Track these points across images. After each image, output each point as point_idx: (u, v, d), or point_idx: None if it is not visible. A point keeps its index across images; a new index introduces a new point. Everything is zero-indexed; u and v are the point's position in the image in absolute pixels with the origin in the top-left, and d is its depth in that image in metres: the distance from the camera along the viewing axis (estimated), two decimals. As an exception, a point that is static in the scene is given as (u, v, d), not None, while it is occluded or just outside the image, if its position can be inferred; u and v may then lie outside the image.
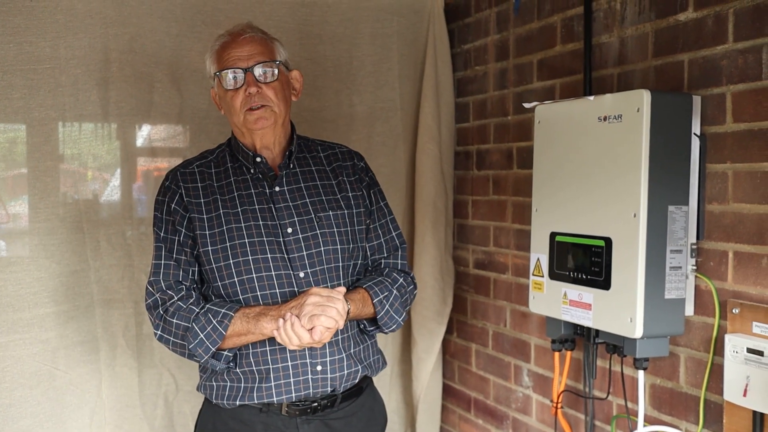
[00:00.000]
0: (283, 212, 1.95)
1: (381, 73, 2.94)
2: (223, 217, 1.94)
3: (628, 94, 1.90)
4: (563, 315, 2.12)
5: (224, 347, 1.89)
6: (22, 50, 2.37)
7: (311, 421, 1.96)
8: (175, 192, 1.97)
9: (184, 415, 2.71)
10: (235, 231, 1.93)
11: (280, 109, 1.95)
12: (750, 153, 1.81)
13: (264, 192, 1.97)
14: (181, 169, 2.02)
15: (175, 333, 1.88)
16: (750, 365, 1.75)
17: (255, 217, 1.94)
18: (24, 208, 2.44)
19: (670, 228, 1.89)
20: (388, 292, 1.98)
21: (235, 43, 1.94)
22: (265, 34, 2.00)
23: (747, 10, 1.81)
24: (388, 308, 1.97)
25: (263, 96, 1.91)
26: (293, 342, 1.79)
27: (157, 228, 1.98)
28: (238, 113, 1.93)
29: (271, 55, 1.95)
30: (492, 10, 2.80)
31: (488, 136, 2.85)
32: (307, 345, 1.81)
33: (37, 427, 2.44)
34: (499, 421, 2.83)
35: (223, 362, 1.90)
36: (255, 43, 1.94)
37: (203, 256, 1.93)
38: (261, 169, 1.99)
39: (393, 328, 2.01)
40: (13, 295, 2.39)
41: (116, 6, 2.50)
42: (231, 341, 1.87)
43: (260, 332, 1.84)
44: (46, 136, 2.45)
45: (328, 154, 2.09)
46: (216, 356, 1.90)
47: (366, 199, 2.07)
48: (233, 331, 1.85)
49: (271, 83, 1.93)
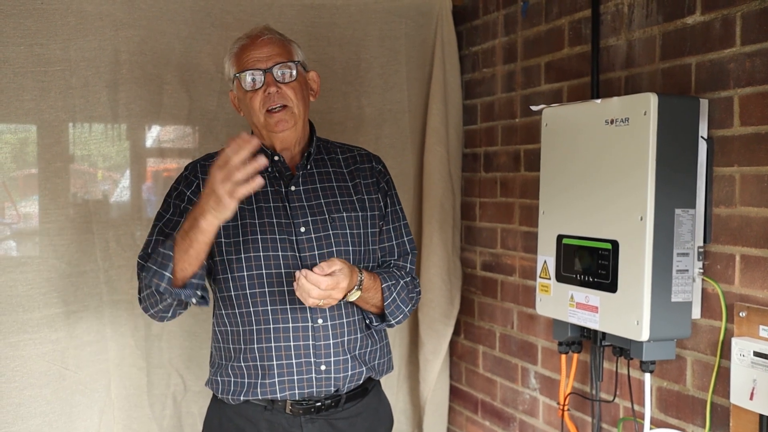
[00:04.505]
0: (297, 211, 1.97)
1: (389, 75, 2.94)
2: (239, 212, 1.95)
3: (636, 98, 1.90)
4: (570, 317, 2.13)
5: (183, 270, 1.80)
6: (33, 52, 2.39)
7: (315, 421, 1.97)
8: (192, 182, 2.00)
9: (192, 415, 2.72)
10: (249, 226, 1.95)
11: (300, 109, 1.96)
12: (757, 156, 1.81)
13: (280, 191, 1.99)
14: (202, 161, 2.05)
15: (146, 286, 1.86)
16: (757, 368, 1.74)
17: (269, 215, 1.96)
18: (34, 208, 2.46)
19: (677, 231, 1.89)
20: (395, 281, 2.00)
21: (253, 45, 1.96)
22: (282, 36, 2.02)
23: (755, 14, 1.81)
24: (395, 296, 1.98)
25: (283, 96, 1.93)
26: (312, 294, 1.77)
27: (161, 209, 2.01)
28: (257, 114, 1.95)
29: (290, 56, 1.97)
30: (500, 13, 2.80)
31: (496, 138, 2.85)
32: (324, 297, 1.78)
33: (47, 426, 2.46)
34: (506, 423, 2.83)
35: (189, 290, 1.81)
36: (273, 44, 1.96)
37: (215, 247, 1.94)
38: (278, 168, 2.00)
39: (399, 319, 2.01)
40: (24, 295, 2.41)
41: (126, 8, 2.52)
42: (184, 261, 1.79)
43: (197, 226, 1.73)
44: (57, 137, 2.47)
45: (347, 157, 2.11)
46: (186, 286, 1.81)
47: (381, 202, 2.08)
48: (180, 248, 1.78)
49: (290, 83, 1.94)
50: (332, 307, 1.94)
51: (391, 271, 2.05)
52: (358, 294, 1.89)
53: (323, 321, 1.94)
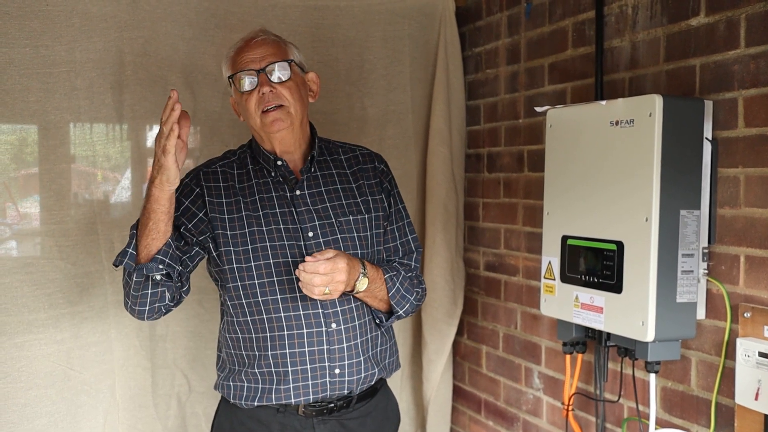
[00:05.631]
0: (304, 216, 1.97)
1: (392, 76, 2.95)
2: (246, 220, 1.95)
3: (640, 99, 1.91)
4: (575, 318, 2.13)
5: (147, 246, 1.81)
6: (38, 53, 2.39)
7: (327, 421, 1.98)
8: (192, 190, 1.98)
9: (197, 416, 2.72)
10: (257, 234, 1.94)
11: (296, 109, 1.94)
12: (762, 157, 1.81)
13: (285, 195, 1.99)
14: (204, 168, 2.04)
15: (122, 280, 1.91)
16: (762, 369, 1.75)
17: (276, 221, 1.96)
18: (36, 208, 2.46)
19: (681, 232, 1.89)
20: (396, 272, 2.00)
21: (248, 47, 1.96)
22: (278, 37, 2.01)
23: (759, 15, 1.82)
24: (398, 286, 1.98)
25: (278, 95, 1.92)
26: (315, 282, 1.76)
27: None
28: (253, 115, 1.94)
29: (284, 56, 1.96)
30: (503, 14, 2.81)
31: (499, 139, 2.86)
32: (328, 283, 1.78)
33: (52, 426, 2.46)
34: (510, 423, 2.83)
35: (152, 263, 1.80)
36: (267, 45, 1.96)
37: (224, 255, 1.94)
38: (282, 172, 2.00)
39: (406, 308, 2.01)
40: (29, 295, 2.41)
41: (130, 10, 2.52)
42: (146, 237, 1.80)
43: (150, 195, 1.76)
44: (62, 139, 2.47)
45: (349, 157, 2.10)
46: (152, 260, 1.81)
47: (385, 202, 2.08)
48: (141, 224, 1.79)
49: (285, 83, 1.93)
50: (344, 311, 1.95)
51: (392, 264, 2.05)
52: (365, 281, 1.88)
53: (336, 325, 1.94)
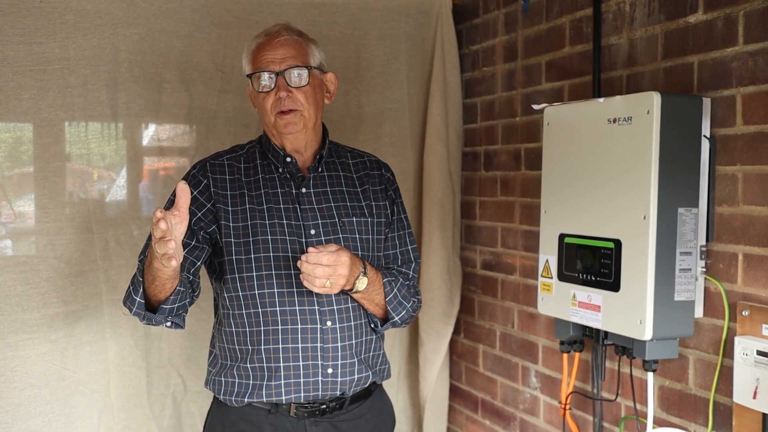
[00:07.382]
0: (307, 213, 1.97)
1: (389, 73, 2.94)
2: (249, 212, 1.95)
3: (638, 96, 1.90)
4: (572, 316, 2.12)
5: (155, 295, 1.81)
6: (31, 51, 2.38)
7: (319, 423, 1.96)
8: (200, 182, 1.98)
9: (192, 415, 2.71)
10: (260, 227, 1.94)
11: (310, 113, 1.96)
12: (760, 155, 1.81)
13: (290, 192, 1.99)
14: (211, 160, 2.03)
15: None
16: (760, 367, 1.74)
17: (280, 216, 1.95)
18: (30, 207, 2.45)
19: (679, 230, 1.89)
20: (394, 278, 2.00)
21: (269, 45, 1.95)
22: (301, 36, 2.00)
23: (757, 12, 1.81)
24: (396, 292, 1.97)
25: (293, 100, 1.93)
26: (317, 273, 1.75)
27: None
28: (268, 115, 1.95)
29: (305, 59, 1.96)
30: (500, 11, 2.80)
31: (496, 137, 2.85)
32: (330, 276, 1.77)
33: (46, 426, 2.45)
34: (507, 422, 2.83)
35: (160, 315, 1.82)
36: (289, 46, 1.95)
37: (225, 247, 1.94)
38: (290, 169, 2.00)
39: (402, 315, 2.00)
40: (23, 294, 2.40)
41: (125, 7, 2.51)
42: (153, 289, 1.79)
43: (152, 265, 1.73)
44: (55, 137, 2.45)
45: (357, 162, 2.11)
46: (159, 311, 1.82)
47: (388, 210, 2.08)
48: (147, 278, 1.78)
49: (302, 87, 1.94)
50: (340, 309, 1.94)
51: (391, 270, 2.05)
52: (365, 281, 1.87)
53: (332, 323, 1.93)
